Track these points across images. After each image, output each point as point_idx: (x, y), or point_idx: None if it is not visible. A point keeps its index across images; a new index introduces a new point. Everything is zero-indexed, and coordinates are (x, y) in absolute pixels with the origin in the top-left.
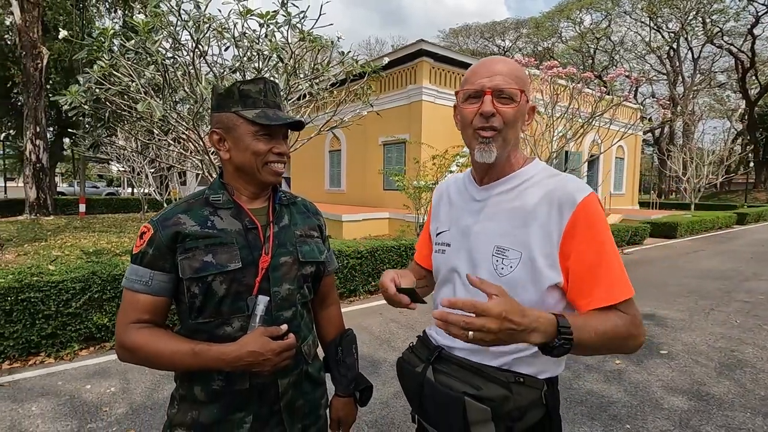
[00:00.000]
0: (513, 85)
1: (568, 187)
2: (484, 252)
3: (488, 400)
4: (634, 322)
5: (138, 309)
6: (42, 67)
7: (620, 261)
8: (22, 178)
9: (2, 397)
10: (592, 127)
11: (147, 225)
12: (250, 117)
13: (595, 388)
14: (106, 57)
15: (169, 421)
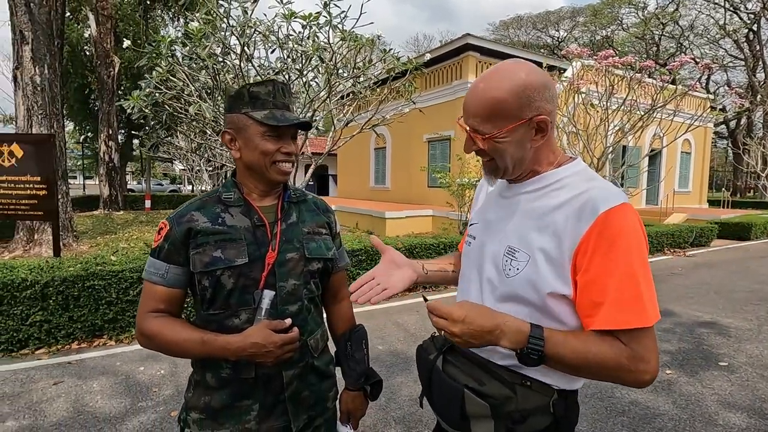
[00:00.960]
0: (487, 125)
1: (594, 194)
2: (497, 250)
3: (489, 396)
4: (633, 356)
5: (155, 299)
6: (114, 74)
7: (642, 285)
8: (98, 177)
9: (70, 374)
10: (653, 119)
11: (164, 221)
12: (258, 118)
13: (640, 398)
14: (163, 63)
15: (185, 403)
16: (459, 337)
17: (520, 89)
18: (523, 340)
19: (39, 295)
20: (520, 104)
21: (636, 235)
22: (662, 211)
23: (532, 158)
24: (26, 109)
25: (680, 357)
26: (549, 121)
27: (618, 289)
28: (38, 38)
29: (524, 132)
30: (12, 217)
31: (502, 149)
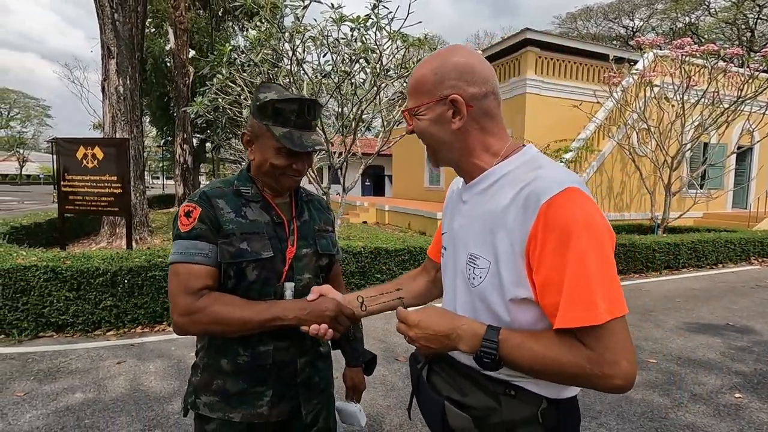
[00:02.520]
0: (411, 101)
1: (537, 184)
2: (461, 258)
3: (472, 408)
4: (595, 359)
5: (202, 278)
6: (189, 82)
7: (594, 278)
8: (174, 177)
9: (131, 355)
10: (740, 113)
11: (191, 204)
12: (277, 135)
13: (700, 422)
14: (224, 71)
15: (193, 388)
16: (416, 341)
17: (439, 68)
18: (478, 344)
19: (109, 282)
20: (436, 81)
21: (587, 223)
22: (752, 215)
23: (465, 147)
24: (111, 116)
25: (754, 380)
26: (463, 101)
27: (569, 285)
28: (122, 52)
29: (441, 111)
30: (94, 212)
31: (424, 127)
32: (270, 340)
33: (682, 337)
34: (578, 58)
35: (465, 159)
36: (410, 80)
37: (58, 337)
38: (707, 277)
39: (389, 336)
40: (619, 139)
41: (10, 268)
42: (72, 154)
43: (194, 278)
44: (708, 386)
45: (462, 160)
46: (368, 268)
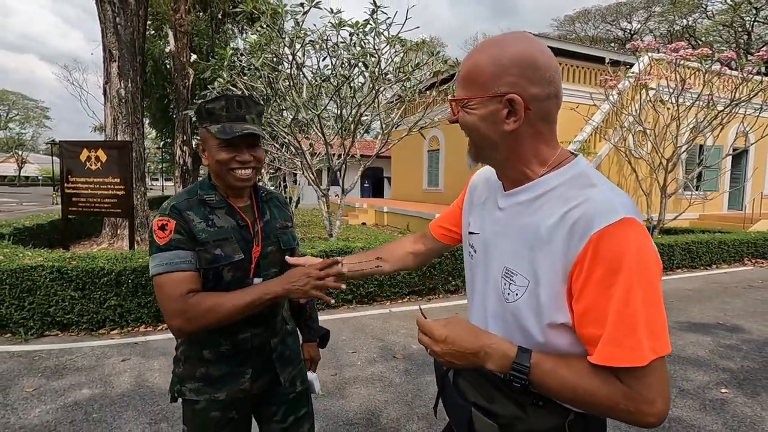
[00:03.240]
0: (461, 91)
1: (590, 208)
2: (495, 270)
3: (498, 416)
4: (632, 397)
5: (189, 282)
6: (189, 85)
7: (641, 318)
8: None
9: (136, 353)
10: (734, 115)
11: (164, 218)
12: (213, 132)
13: (686, 415)
14: (225, 74)
15: (177, 378)
16: (441, 356)
17: (499, 58)
18: (508, 365)
19: (114, 282)
20: (494, 74)
21: (638, 258)
22: (747, 217)
23: (514, 151)
24: (113, 118)
25: (741, 376)
26: (522, 102)
27: (613, 321)
28: (124, 56)
29: (494, 108)
30: (97, 213)
31: (472, 122)
32: (247, 328)
33: (673, 335)
34: (575, 61)
35: (511, 164)
36: (463, 67)
37: (63, 335)
38: (701, 277)
39: (387, 335)
40: (615, 141)
41: (16, 268)
42: (75, 157)
43: (180, 284)
44: (696, 382)
45: (508, 164)
46: None
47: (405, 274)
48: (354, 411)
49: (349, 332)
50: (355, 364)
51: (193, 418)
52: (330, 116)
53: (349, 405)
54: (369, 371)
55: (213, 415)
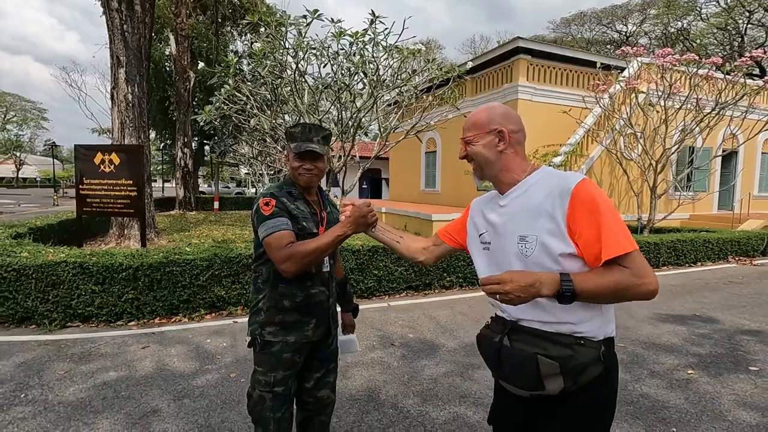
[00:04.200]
0: (468, 133)
1: (563, 179)
2: (512, 241)
3: (557, 357)
4: (635, 274)
5: (289, 237)
6: (190, 88)
7: (618, 224)
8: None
9: (154, 341)
10: (721, 117)
11: (267, 198)
12: (291, 147)
13: (653, 392)
14: (231, 81)
15: (258, 324)
16: (511, 293)
17: (490, 112)
18: (558, 285)
19: (131, 277)
20: (488, 120)
21: (599, 195)
22: (735, 217)
23: (504, 165)
24: (120, 122)
25: (708, 360)
26: (506, 132)
27: (605, 235)
28: (131, 62)
29: (490, 139)
30: (110, 213)
31: (477, 149)
32: (315, 285)
33: (651, 325)
34: (568, 65)
35: (504, 173)
36: (467, 121)
37: (84, 326)
38: (685, 274)
39: (386, 326)
40: (607, 144)
41: (42, 263)
42: (90, 160)
43: (283, 238)
44: (666, 365)
45: (502, 174)
46: (366, 265)
47: (402, 271)
48: (356, 389)
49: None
50: (356, 351)
51: (269, 359)
52: (330, 120)
53: (352, 384)
54: (369, 357)
55: (285, 356)
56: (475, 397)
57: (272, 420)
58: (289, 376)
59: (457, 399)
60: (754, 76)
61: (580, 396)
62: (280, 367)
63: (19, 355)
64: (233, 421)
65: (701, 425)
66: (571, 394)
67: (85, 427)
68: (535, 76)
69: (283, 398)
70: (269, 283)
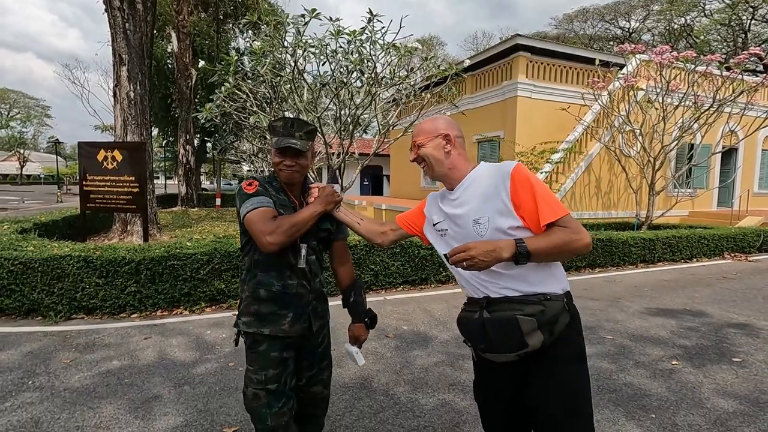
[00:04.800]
0: (417, 138)
1: (501, 166)
2: (467, 225)
3: (531, 315)
4: (573, 231)
5: (272, 213)
6: (191, 85)
7: (550, 195)
8: (176, 177)
9: (156, 333)
10: (720, 114)
11: (252, 179)
12: (273, 141)
13: (636, 381)
14: (231, 79)
15: (239, 314)
16: (476, 257)
17: (434, 122)
18: (514, 247)
19: (134, 270)
20: (435, 127)
21: (532, 175)
22: (734, 214)
23: (451, 164)
24: (123, 120)
25: (693, 352)
26: (452, 136)
27: (543, 202)
28: (133, 60)
29: (438, 142)
30: (113, 209)
31: (427, 152)
32: (293, 277)
33: (641, 319)
34: (567, 62)
35: (452, 172)
36: (416, 130)
37: (88, 318)
38: (679, 270)
39: (381, 318)
40: (605, 141)
41: (48, 257)
42: (93, 157)
43: (267, 213)
44: (652, 356)
45: (450, 173)
46: (363, 260)
47: (399, 266)
48: (349, 377)
49: (346, 317)
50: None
51: (257, 358)
52: (329, 116)
53: (345, 373)
54: (363, 348)
55: (273, 355)
56: (463, 385)
57: (269, 415)
58: (280, 373)
59: (447, 387)
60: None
61: (558, 344)
62: (270, 366)
63: (26, 345)
64: (231, 406)
65: (680, 412)
66: (550, 347)
67: (90, 411)
68: (534, 74)
69: (278, 394)
70: (250, 272)
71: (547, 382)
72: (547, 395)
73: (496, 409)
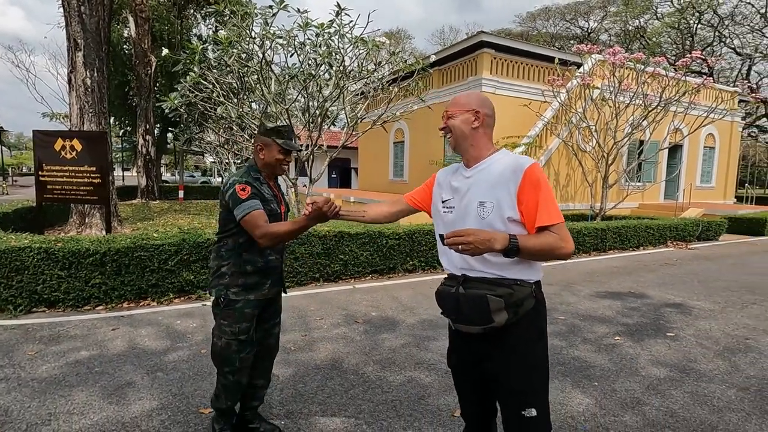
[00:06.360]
0: (450, 109)
1: (519, 160)
2: (472, 206)
3: (500, 296)
4: (561, 238)
5: (263, 216)
6: (151, 73)
7: (552, 201)
8: (135, 168)
9: (124, 324)
10: (666, 113)
11: (243, 184)
12: (279, 142)
13: (583, 355)
14: (196, 69)
15: (224, 286)
16: (472, 244)
17: (468, 96)
18: (507, 242)
19: (98, 262)
20: (467, 102)
21: (543, 178)
22: (679, 206)
23: (474, 141)
24: (79, 108)
25: (633, 329)
26: (481, 114)
27: (543, 206)
28: (89, 45)
29: (467, 116)
30: (72, 200)
31: (455, 124)
32: (273, 253)
33: (591, 301)
34: (529, 60)
35: (473, 149)
36: (452, 100)
37: (50, 311)
38: (627, 257)
39: (351, 306)
40: (564, 136)
41: (5, 249)
42: (50, 146)
43: (260, 218)
44: (597, 333)
45: (471, 149)
46: (333, 250)
47: (367, 255)
48: (321, 360)
49: (316, 304)
50: (321, 328)
51: (233, 314)
52: (297, 108)
53: (317, 356)
54: (334, 332)
55: (247, 311)
56: (429, 363)
57: (237, 359)
58: (249, 326)
59: (413, 365)
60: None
61: (521, 324)
62: (244, 320)
63: None
64: (206, 389)
65: (618, 379)
66: (513, 325)
67: (61, 398)
68: (498, 70)
69: (246, 343)
70: (233, 252)
71: (509, 357)
72: (509, 368)
73: (465, 372)
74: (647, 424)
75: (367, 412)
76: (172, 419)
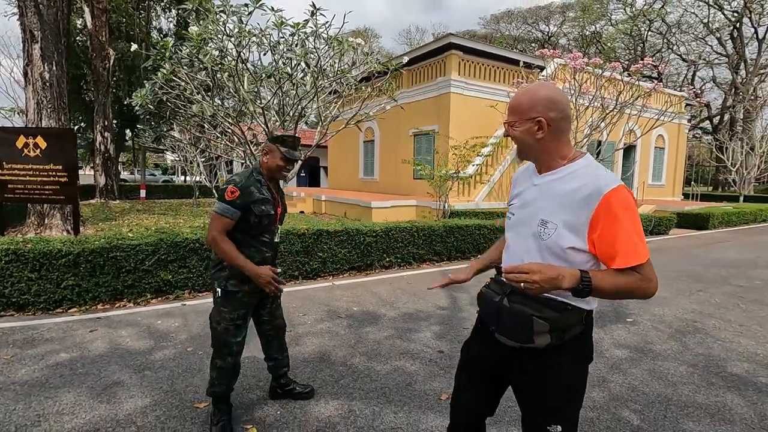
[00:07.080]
0: (511, 116)
1: (599, 181)
2: (533, 221)
3: (548, 319)
4: (644, 278)
5: (225, 226)
6: (109, 67)
7: (638, 234)
8: (92, 166)
9: (101, 325)
10: (621, 115)
11: (234, 188)
12: (283, 150)
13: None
14: (167, 65)
15: (224, 278)
16: (538, 283)
17: (532, 98)
18: (578, 281)
19: (71, 263)
20: (530, 107)
21: (628, 205)
22: None
23: (543, 150)
24: (36, 103)
25: (597, 316)
26: (545, 122)
27: (625, 242)
28: (47, 37)
29: (529, 126)
30: (37, 200)
31: (517, 135)
32: (269, 251)
33: None
34: (495, 62)
35: (542, 158)
36: (511, 102)
37: (20, 315)
38: None
39: (332, 302)
40: None
41: None
42: (11, 144)
43: (222, 224)
44: None
45: (540, 158)
46: (311, 248)
47: (345, 252)
48: (309, 353)
49: (298, 301)
50: (305, 323)
51: (233, 302)
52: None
53: (304, 350)
54: (318, 327)
55: (245, 300)
56: (413, 353)
57: (234, 343)
58: (246, 313)
59: (398, 355)
60: (654, 79)
61: (565, 347)
62: (242, 308)
63: None
64: (198, 385)
65: None
66: (555, 347)
67: (48, 400)
68: (466, 72)
69: (242, 328)
70: None
71: (547, 374)
72: (546, 386)
73: (481, 369)
74: (612, 398)
75: (358, 399)
76: (167, 414)
